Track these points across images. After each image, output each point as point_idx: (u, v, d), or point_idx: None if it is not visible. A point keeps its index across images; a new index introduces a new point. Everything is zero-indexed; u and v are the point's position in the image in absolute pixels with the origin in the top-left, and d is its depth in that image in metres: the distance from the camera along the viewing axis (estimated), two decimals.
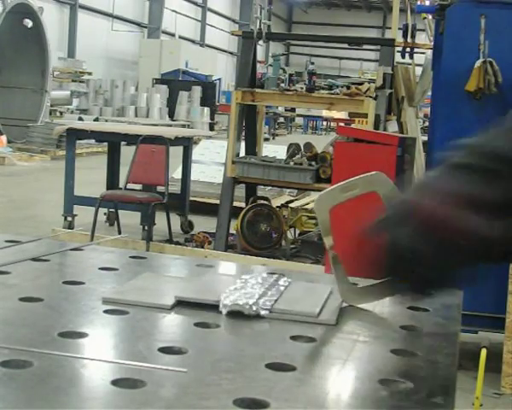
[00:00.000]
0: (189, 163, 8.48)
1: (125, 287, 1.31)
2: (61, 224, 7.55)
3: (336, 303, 1.28)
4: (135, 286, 1.32)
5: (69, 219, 7.60)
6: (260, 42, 7.17)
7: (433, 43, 5.34)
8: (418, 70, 7.45)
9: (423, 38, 7.96)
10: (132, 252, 1.66)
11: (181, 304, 1.24)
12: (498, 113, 1.15)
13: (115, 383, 0.88)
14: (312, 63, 7.30)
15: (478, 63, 4.59)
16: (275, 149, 10.09)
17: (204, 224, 8.20)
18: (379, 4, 44.20)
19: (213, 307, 1.22)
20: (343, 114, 25.30)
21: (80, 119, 17.35)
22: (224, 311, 1.20)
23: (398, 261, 1.05)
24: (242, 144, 7.17)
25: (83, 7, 27.87)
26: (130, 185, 7.37)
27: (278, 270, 1.50)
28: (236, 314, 1.19)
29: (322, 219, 1.24)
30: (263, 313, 1.19)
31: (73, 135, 8.03)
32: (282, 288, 1.32)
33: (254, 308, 1.19)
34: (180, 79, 28.19)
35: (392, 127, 6.75)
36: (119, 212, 7.25)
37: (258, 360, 0.99)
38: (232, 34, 8.54)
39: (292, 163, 6.56)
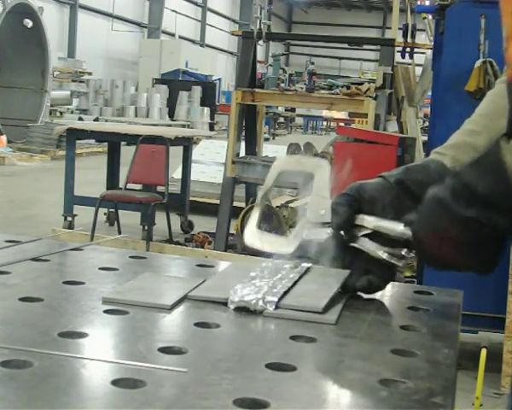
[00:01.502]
0: (189, 163, 8.49)
1: (125, 287, 1.31)
2: (61, 224, 7.55)
3: (338, 303, 1.28)
4: (135, 286, 1.32)
5: (69, 219, 7.60)
6: (260, 42, 7.17)
7: (433, 43, 5.34)
8: (418, 70, 7.46)
9: (423, 38, 7.97)
10: (132, 252, 1.66)
11: (181, 304, 1.24)
12: None
13: (115, 383, 0.88)
14: (312, 63, 7.31)
15: (478, 63, 4.59)
16: (275, 149, 10.10)
17: (204, 224, 8.20)
18: (379, 4, 44.22)
19: (220, 304, 1.24)
20: (343, 114, 25.33)
21: (80, 119, 17.35)
22: (232, 307, 1.21)
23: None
24: (242, 144, 7.18)
25: (83, 7, 27.88)
26: (130, 185, 7.38)
27: None
28: (241, 312, 1.20)
29: (270, 175, 1.45)
30: (269, 309, 1.20)
31: (73, 135, 8.03)
32: (296, 276, 1.33)
33: (260, 304, 1.20)
34: (180, 79, 28.21)
35: (392, 127, 6.76)
36: (119, 212, 7.25)
37: (258, 360, 0.99)
38: (232, 34, 8.54)
39: None
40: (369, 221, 1.29)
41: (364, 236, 1.30)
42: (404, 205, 1.29)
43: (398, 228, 1.25)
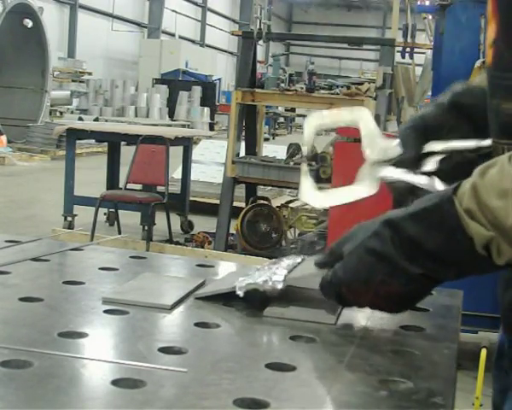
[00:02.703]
0: (189, 163, 8.48)
1: (125, 287, 1.31)
2: (61, 224, 7.55)
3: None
4: (135, 286, 1.32)
5: (69, 219, 7.60)
6: (260, 42, 7.17)
7: (433, 43, 5.34)
8: (418, 70, 7.46)
9: (423, 38, 7.98)
10: (132, 252, 1.66)
11: (181, 304, 1.24)
12: None
13: (115, 383, 0.88)
14: (312, 63, 7.30)
15: (478, 63, 4.59)
16: (275, 149, 10.09)
17: (204, 224, 8.20)
18: (379, 4, 44.21)
19: (219, 301, 1.24)
20: None
21: (80, 119, 17.34)
22: (241, 293, 1.21)
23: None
24: (242, 144, 7.18)
25: (83, 7, 27.87)
26: (130, 185, 7.37)
27: None
28: (242, 311, 1.20)
29: (308, 135, 1.36)
30: (278, 286, 1.20)
31: (73, 135, 8.03)
32: (295, 263, 1.34)
33: (270, 283, 1.20)
34: (180, 79, 28.19)
35: (392, 127, 6.76)
36: (119, 212, 7.25)
37: (258, 360, 0.99)
38: (232, 34, 8.55)
39: (292, 163, 6.57)
40: (440, 146, 1.26)
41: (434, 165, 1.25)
42: (462, 130, 1.26)
43: (470, 143, 1.21)
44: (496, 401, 1.26)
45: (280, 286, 1.20)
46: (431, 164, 1.26)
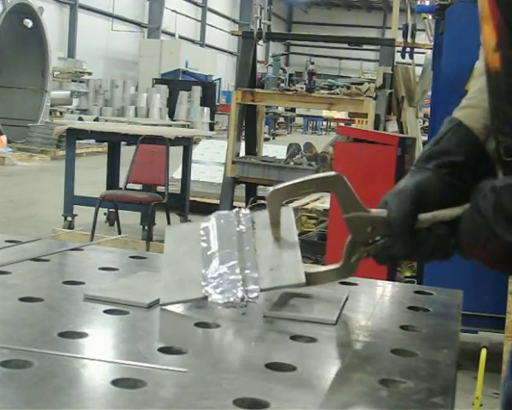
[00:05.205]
0: (189, 163, 8.48)
1: (113, 285, 1.31)
2: (61, 224, 7.55)
3: (337, 302, 1.28)
4: (121, 284, 1.32)
5: (69, 219, 7.60)
6: (260, 42, 7.18)
7: (433, 44, 5.34)
8: (418, 70, 7.46)
9: (423, 38, 7.98)
10: (132, 252, 1.66)
11: (180, 304, 1.24)
12: None
13: (115, 383, 0.88)
14: (312, 63, 7.31)
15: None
16: (275, 149, 10.10)
17: None
18: (379, 4, 44.19)
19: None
20: (343, 114, 25.31)
21: (80, 119, 17.34)
22: (217, 306, 1.19)
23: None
24: (242, 144, 7.18)
25: (83, 7, 27.86)
26: (130, 185, 7.37)
27: None
28: (241, 311, 1.20)
29: (273, 211, 1.26)
30: (255, 301, 1.18)
31: (73, 135, 8.02)
32: (250, 237, 1.27)
33: (246, 299, 1.18)
34: (180, 79, 28.19)
35: (392, 127, 6.76)
36: (119, 212, 7.25)
37: (259, 360, 0.99)
38: (232, 34, 8.56)
39: (292, 163, 6.57)
40: (426, 218, 1.17)
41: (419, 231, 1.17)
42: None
43: (455, 212, 1.15)
44: None
45: (255, 298, 1.18)
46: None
